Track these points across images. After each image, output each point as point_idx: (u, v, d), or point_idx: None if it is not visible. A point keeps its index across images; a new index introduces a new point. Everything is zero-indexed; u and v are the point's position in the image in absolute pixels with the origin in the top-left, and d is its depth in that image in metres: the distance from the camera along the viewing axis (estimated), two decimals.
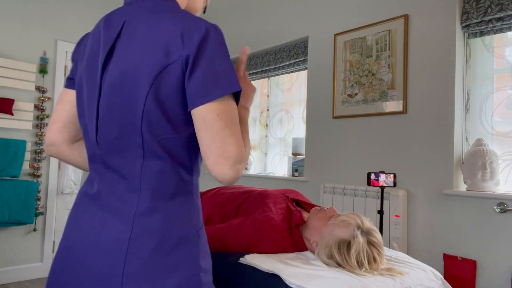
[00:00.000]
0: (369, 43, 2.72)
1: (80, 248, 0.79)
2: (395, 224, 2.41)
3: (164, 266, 0.75)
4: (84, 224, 0.81)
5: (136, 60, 0.77)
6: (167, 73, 0.75)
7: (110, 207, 0.79)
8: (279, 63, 3.48)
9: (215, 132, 0.75)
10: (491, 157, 2.12)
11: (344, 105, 2.86)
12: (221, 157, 0.75)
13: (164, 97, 0.76)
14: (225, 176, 0.76)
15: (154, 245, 0.75)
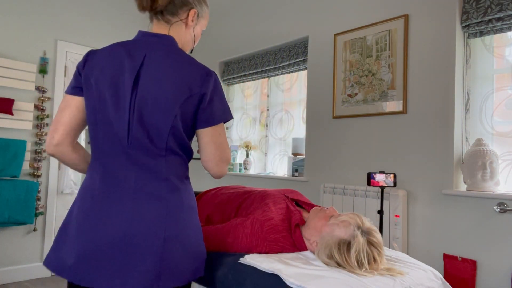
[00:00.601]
0: (369, 43, 2.72)
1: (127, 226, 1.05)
2: (395, 224, 2.41)
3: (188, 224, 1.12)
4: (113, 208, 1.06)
5: (167, 90, 1.08)
6: (189, 102, 1.09)
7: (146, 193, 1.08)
8: (279, 63, 3.48)
9: (218, 144, 1.15)
10: (491, 157, 2.12)
11: (344, 105, 2.86)
12: (220, 160, 1.17)
13: (185, 118, 1.11)
14: (223, 173, 1.19)
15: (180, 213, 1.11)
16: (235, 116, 4.12)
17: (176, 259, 1.07)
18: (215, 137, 1.14)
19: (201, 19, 1.28)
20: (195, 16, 1.24)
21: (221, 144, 1.15)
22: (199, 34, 1.30)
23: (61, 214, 3.64)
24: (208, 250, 1.45)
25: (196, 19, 1.25)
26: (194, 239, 1.13)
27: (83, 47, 3.78)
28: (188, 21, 1.23)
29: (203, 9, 1.28)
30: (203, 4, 1.28)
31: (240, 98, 4.09)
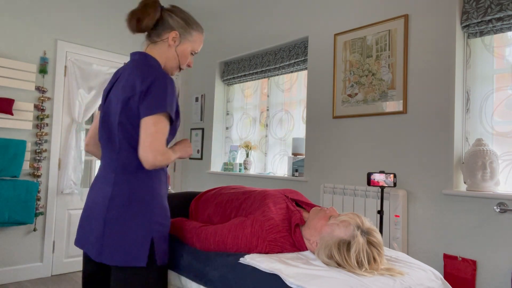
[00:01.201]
0: (369, 43, 2.72)
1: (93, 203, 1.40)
2: (395, 224, 2.41)
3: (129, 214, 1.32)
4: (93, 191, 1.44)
5: (118, 94, 1.37)
6: (133, 100, 1.32)
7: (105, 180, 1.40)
8: (279, 63, 3.48)
9: (148, 134, 1.26)
10: (491, 157, 2.12)
11: (344, 105, 2.86)
12: (149, 149, 1.25)
13: (131, 114, 1.33)
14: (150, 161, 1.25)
15: (123, 201, 1.33)
16: (235, 116, 4.12)
17: (115, 241, 1.30)
18: (147, 126, 1.27)
19: (187, 41, 1.51)
20: (176, 37, 1.48)
21: (151, 134, 1.26)
22: (185, 54, 1.51)
23: (61, 214, 3.64)
24: (208, 250, 1.46)
25: (178, 40, 1.49)
26: (135, 229, 1.31)
27: (83, 47, 3.78)
28: (169, 42, 1.48)
29: (188, 33, 1.51)
30: (189, 29, 1.51)
31: (240, 98, 4.09)
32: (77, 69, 3.70)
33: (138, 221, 1.31)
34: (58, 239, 3.62)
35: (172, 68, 1.54)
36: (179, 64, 1.53)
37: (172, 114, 1.32)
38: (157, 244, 1.33)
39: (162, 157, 1.27)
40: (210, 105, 4.19)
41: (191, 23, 1.52)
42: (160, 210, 1.36)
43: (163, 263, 1.36)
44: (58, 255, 3.61)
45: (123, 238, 1.30)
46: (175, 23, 1.49)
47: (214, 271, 1.34)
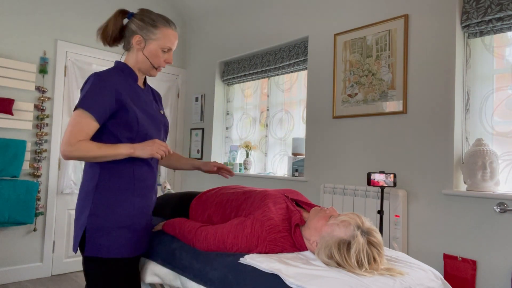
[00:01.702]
0: (369, 43, 2.72)
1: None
2: (395, 224, 2.41)
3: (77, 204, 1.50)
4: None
5: None
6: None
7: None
8: (279, 63, 3.48)
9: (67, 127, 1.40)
10: (491, 157, 2.12)
11: (344, 105, 2.86)
12: (62, 139, 1.38)
13: None
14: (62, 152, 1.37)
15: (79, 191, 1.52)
16: (235, 116, 4.12)
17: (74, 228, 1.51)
18: (69, 121, 1.46)
19: (151, 41, 1.53)
20: (140, 40, 1.53)
21: (67, 127, 1.40)
22: (154, 54, 1.54)
23: (61, 214, 3.64)
24: (208, 250, 1.46)
25: (142, 42, 1.53)
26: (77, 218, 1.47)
27: (83, 47, 3.78)
28: (135, 46, 1.54)
29: (151, 32, 1.52)
30: (151, 28, 1.52)
31: (240, 98, 4.09)
32: (77, 69, 3.69)
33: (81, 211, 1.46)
34: (58, 239, 3.62)
35: (147, 70, 1.58)
36: (151, 65, 1.56)
37: (89, 110, 1.39)
38: (89, 235, 1.42)
39: (70, 148, 1.35)
40: (210, 105, 4.19)
41: (153, 22, 1.53)
42: (101, 202, 1.44)
43: (94, 255, 1.42)
44: (58, 255, 3.61)
45: (75, 224, 1.49)
46: (137, 27, 1.53)
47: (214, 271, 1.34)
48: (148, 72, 1.59)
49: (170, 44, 1.56)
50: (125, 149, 1.42)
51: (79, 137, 1.37)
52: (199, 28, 4.47)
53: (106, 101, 1.42)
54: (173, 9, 4.50)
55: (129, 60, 1.57)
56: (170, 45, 1.56)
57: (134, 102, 1.51)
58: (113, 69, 1.53)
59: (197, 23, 4.50)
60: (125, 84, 1.51)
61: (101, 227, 1.43)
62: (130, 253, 1.47)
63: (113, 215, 1.45)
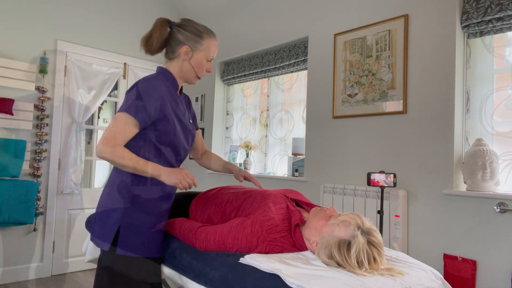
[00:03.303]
0: (369, 43, 2.72)
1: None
2: (395, 224, 2.41)
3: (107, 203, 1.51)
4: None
5: None
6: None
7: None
8: (279, 63, 3.48)
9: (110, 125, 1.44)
10: (491, 157, 2.12)
11: (344, 105, 2.86)
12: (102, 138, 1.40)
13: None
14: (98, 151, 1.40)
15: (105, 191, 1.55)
16: (235, 116, 4.12)
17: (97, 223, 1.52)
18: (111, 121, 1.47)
19: (199, 51, 1.58)
20: (188, 51, 1.57)
21: (108, 127, 1.44)
22: (199, 64, 1.60)
23: (61, 214, 3.64)
24: (208, 250, 1.46)
25: (190, 53, 1.58)
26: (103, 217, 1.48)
27: (83, 47, 3.78)
28: (182, 56, 1.58)
29: (199, 43, 1.57)
30: (199, 39, 1.57)
31: (240, 98, 4.09)
32: (77, 69, 3.69)
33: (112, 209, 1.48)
34: (58, 239, 3.62)
35: (190, 79, 1.64)
36: (196, 74, 1.62)
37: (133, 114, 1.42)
38: (122, 234, 1.44)
39: (106, 148, 1.38)
40: (210, 105, 4.19)
41: (199, 33, 1.57)
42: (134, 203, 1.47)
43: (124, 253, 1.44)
44: (58, 255, 3.61)
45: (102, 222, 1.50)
46: (184, 37, 1.57)
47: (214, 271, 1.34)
48: (191, 81, 1.65)
49: (214, 54, 1.62)
50: (153, 170, 1.43)
51: (118, 141, 1.40)
52: None
53: (152, 110, 1.45)
54: (173, 9, 4.50)
55: (172, 68, 1.60)
56: (213, 55, 1.62)
57: (175, 112, 1.55)
58: (159, 75, 1.55)
59: None
60: (168, 93, 1.55)
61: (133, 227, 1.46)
62: (151, 253, 1.51)
63: (144, 216, 1.48)
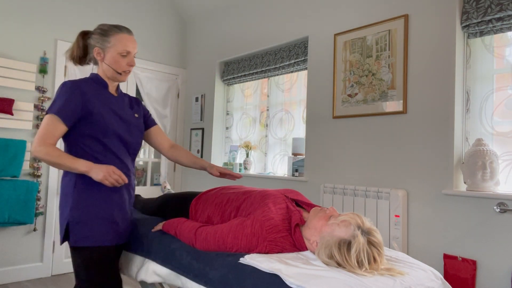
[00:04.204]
0: (369, 43, 2.72)
1: None
2: (395, 224, 2.41)
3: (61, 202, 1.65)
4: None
5: None
6: None
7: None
8: (279, 63, 3.48)
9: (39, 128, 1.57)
10: (491, 157, 2.12)
11: (344, 105, 2.86)
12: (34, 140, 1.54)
13: None
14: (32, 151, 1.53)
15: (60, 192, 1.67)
16: (235, 116, 4.13)
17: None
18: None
19: (108, 49, 1.66)
20: (98, 52, 1.67)
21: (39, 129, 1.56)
22: (114, 60, 1.66)
23: None
24: (208, 250, 1.46)
25: (101, 53, 1.67)
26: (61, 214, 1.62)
27: None
28: (97, 58, 1.69)
29: (105, 41, 1.65)
30: (105, 37, 1.65)
31: (240, 98, 4.09)
32: (77, 69, 3.69)
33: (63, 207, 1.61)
34: (58, 239, 3.62)
35: (113, 77, 1.71)
36: (115, 71, 1.69)
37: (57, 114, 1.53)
38: (71, 227, 1.56)
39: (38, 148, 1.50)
40: (210, 105, 4.19)
41: (104, 32, 1.66)
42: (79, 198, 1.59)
43: (80, 244, 1.56)
44: (58, 255, 3.61)
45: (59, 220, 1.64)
46: (93, 40, 1.68)
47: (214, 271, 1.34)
48: (116, 78, 1.71)
49: (126, 47, 1.67)
50: (82, 166, 1.53)
51: (48, 139, 1.52)
52: (199, 28, 4.47)
53: (73, 106, 1.57)
54: (173, 9, 4.50)
55: (98, 71, 1.73)
56: (126, 49, 1.67)
57: (104, 106, 1.65)
58: (84, 78, 1.68)
59: (197, 23, 4.50)
60: (94, 91, 1.65)
61: (82, 220, 1.57)
62: (110, 241, 1.62)
63: (92, 208, 1.59)
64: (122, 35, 1.67)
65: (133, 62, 1.71)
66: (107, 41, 1.65)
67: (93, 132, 1.61)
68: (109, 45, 1.65)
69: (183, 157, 1.96)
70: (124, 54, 1.67)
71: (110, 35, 1.66)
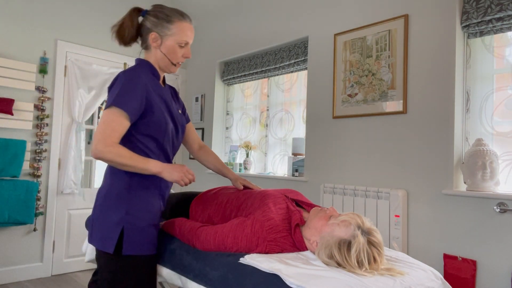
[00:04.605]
0: (369, 43, 2.72)
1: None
2: (395, 224, 2.41)
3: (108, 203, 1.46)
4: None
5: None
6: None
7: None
8: (279, 63, 3.48)
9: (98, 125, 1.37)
10: (491, 157, 2.12)
11: (344, 105, 2.86)
12: (94, 136, 1.36)
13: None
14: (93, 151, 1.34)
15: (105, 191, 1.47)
16: (235, 116, 4.12)
17: (97, 226, 1.45)
18: (100, 119, 1.44)
19: (167, 37, 1.50)
20: (155, 37, 1.50)
21: (98, 125, 1.37)
22: (171, 50, 1.51)
23: (61, 214, 3.64)
24: (209, 250, 1.46)
25: (158, 39, 1.50)
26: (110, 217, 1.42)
27: (83, 47, 3.78)
28: (152, 44, 1.52)
29: (166, 28, 1.49)
30: (165, 24, 1.49)
31: (240, 98, 4.09)
32: (77, 69, 3.69)
33: (113, 210, 1.43)
34: (58, 239, 3.62)
35: (166, 67, 1.56)
36: (170, 61, 1.54)
37: (122, 107, 1.37)
38: (127, 234, 1.40)
39: (105, 148, 1.33)
40: (210, 105, 4.19)
41: (166, 17, 1.49)
42: (136, 202, 1.45)
43: (132, 253, 1.41)
44: (58, 255, 3.61)
45: (103, 223, 1.43)
46: (151, 24, 1.50)
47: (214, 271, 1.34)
48: (168, 69, 1.56)
49: (186, 38, 1.52)
50: (155, 167, 1.40)
51: (113, 138, 1.35)
52: (199, 28, 4.47)
53: (138, 99, 1.41)
54: None
55: (149, 58, 1.54)
56: (186, 39, 1.52)
57: (162, 102, 1.51)
58: (138, 67, 1.49)
59: (197, 23, 4.50)
60: (151, 83, 1.49)
61: (138, 227, 1.43)
62: (155, 250, 1.51)
63: (147, 214, 1.46)
64: (185, 24, 1.51)
65: (189, 54, 1.56)
66: (167, 28, 1.49)
67: (149, 128, 1.46)
68: (169, 32, 1.49)
69: (210, 163, 1.87)
70: (182, 45, 1.52)
71: (172, 22, 1.49)
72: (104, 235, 1.42)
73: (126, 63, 4.08)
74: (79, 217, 3.76)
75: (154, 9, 1.52)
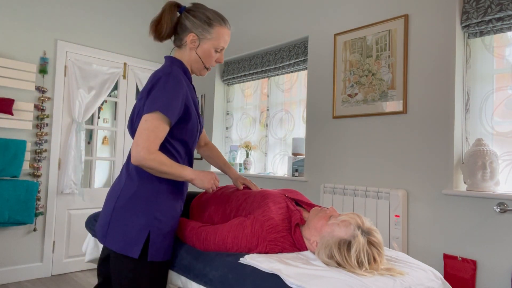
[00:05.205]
0: (369, 43, 2.72)
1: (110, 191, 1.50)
2: (395, 224, 2.41)
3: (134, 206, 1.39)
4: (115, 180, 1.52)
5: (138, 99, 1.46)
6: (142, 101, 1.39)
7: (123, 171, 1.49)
8: (279, 63, 3.48)
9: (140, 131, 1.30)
10: (491, 157, 2.12)
11: (344, 105, 2.86)
12: (135, 142, 1.29)
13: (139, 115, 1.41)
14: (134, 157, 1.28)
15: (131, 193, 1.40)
16: (235, 116, 4.12)
17: (117, 228, 1.36)
18: (140, 124, 1.32)
19: (206, 40, 1.46)
20: (194, 39, 1.46)
21: (140, 130, 1.30)
22: (207, 54, 1.48)
23: (61, 214, 3.64)
24: (209, 250, 1.46)
25: (197, 41, 1.46)
26: (136, 221, 1.36)
27: (83, 47, 3.78)
28: (189, 45, 1.47)
29: (207, 31, 1.46)
30: (207, 27, 1.45)
31: (240, 98, 4.09)
32: (77, 69, 3.70)
33: (139, 214, 1.37)
34: (58, 239, 3.62)
35: (198, 70, 1.53)
36: (204, 65, 1.51)
37: (167, 114, 1.31)
38: (153, 239, 1.37)
39: (149, 156, 1.27)
40: (210, 105, 4.20)
41: (208, 20, 1.46)
42: (163, 207, 1.40)
43: (156, 259, 1.38)
44: (58, 255, 3.61)
45: (125, 227, 1.36)
46: (192, 24, 1.45)
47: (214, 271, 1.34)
48: (199, 71, 1.53)
49: (224, 43, 1.50)
50: (189, 174, 1.38)
51: (157, 146, 1.30)
52: None
53: (180, 106, 1.36)
54: None
55: (182, 57, 1.49)
56: (224, 45, 1.50)
57: (194, 106, 1.47)
58: (175, 67, 1.43)
59: None
60: (187, 85, 1.44)
61: (163, 232, 1.40)
62: (170, 255, 1.49)
63: (171, 219, 1.43)
64: (225, 30, 1.48)
65: (222, 59, 1.54)
66: (208, 31, 1.45)
67: (183, 133, 1.42)
68: (209, 36, 1.45)
69: (213, 160, 1.86)
70: (218, 50, 1.50)
71: (213, 26, 1.45)
72: (128, 239, 1.35)
73: (126, 63, 4.08)
74: (79, 217, 3.76)
75: (195, 8, 1.48)
